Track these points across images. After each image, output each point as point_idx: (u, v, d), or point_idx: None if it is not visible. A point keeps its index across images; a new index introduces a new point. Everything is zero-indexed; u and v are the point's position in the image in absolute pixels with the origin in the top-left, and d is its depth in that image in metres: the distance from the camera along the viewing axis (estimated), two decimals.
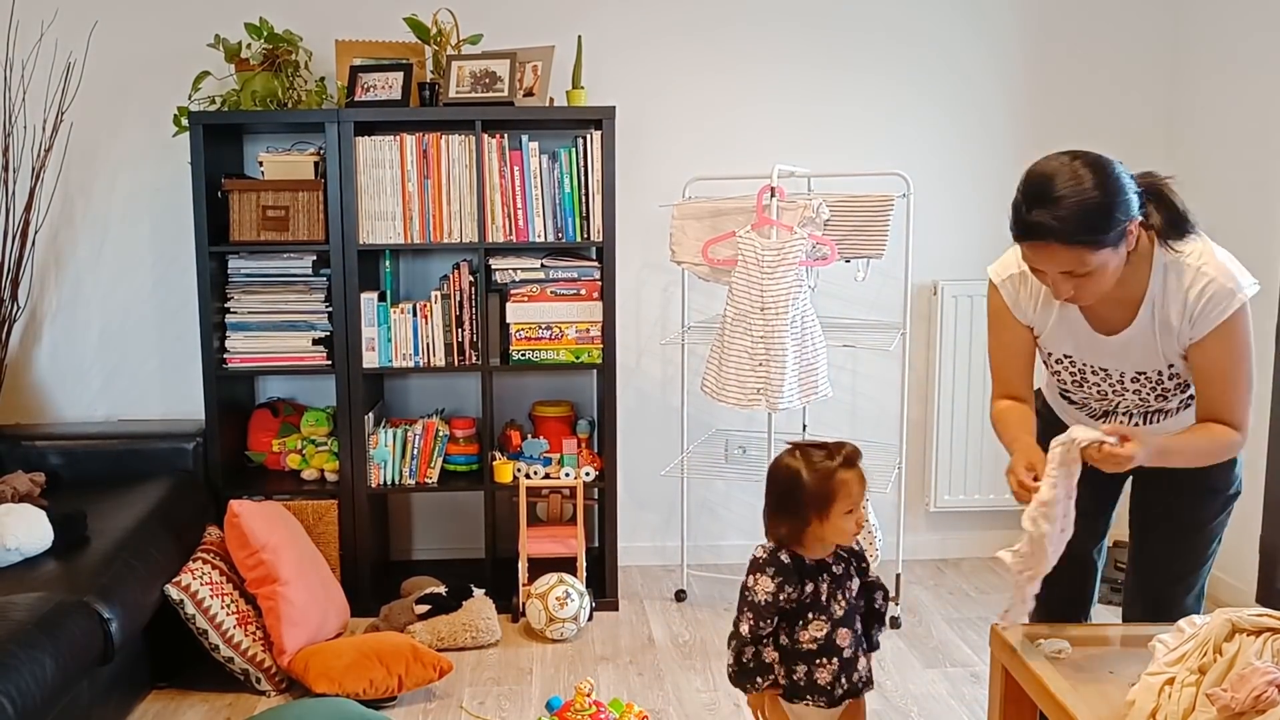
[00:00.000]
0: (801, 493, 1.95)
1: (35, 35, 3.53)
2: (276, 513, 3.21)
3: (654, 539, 3.98)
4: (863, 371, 3.93)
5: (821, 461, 1.96)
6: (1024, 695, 1.85)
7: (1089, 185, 1.76)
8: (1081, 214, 1.75)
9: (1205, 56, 3.73)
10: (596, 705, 2.68)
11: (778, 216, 3.18)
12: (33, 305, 3.68)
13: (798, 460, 1.98)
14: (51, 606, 2.39)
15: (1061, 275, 1.82)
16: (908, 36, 3.80)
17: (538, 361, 3.47)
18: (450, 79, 3.37)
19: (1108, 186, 1.78)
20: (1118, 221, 1.78)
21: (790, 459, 2.00)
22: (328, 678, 2.82)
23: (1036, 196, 1.78)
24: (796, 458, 1.99)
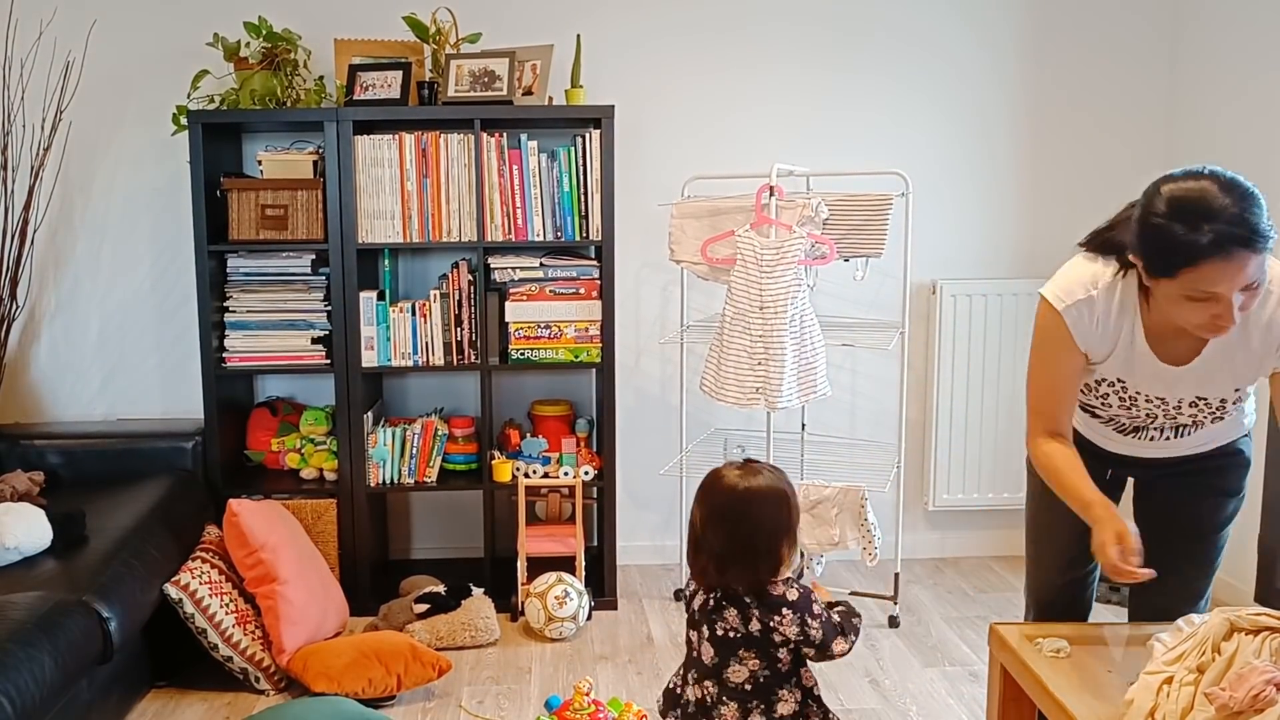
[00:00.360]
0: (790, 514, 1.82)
1: (34, 33, 3.53)
2: (275, 512, 3.21)
3: (653, 538, 3.98)
4: (862, 371, 3.93)
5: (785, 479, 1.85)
6: (1023, 694, 1.85)
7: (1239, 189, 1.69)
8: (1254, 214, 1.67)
9: (1205, 57, 3.73)
10: (595, 704, 2.68)
11: (777, 215, 3.18)
12: (32, 304, 3.68)
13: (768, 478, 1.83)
14: (50, 606, 2.39)
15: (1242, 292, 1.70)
16: (907, 36, 3.80)
17: (537, 360, 3.47)
18: (449, 78, 3.36)
19: (1251, 187, 1.71)
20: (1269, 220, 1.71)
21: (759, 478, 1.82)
22: (327, 677, 2.82)
23: (1201, 214, 1.67)
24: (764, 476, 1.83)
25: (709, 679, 1.82)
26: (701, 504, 1.84)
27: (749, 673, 1.79)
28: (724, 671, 1.80)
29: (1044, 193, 3.91)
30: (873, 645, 3.29)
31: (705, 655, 1.83)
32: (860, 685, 3.03)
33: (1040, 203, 3.91)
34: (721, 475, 1.85)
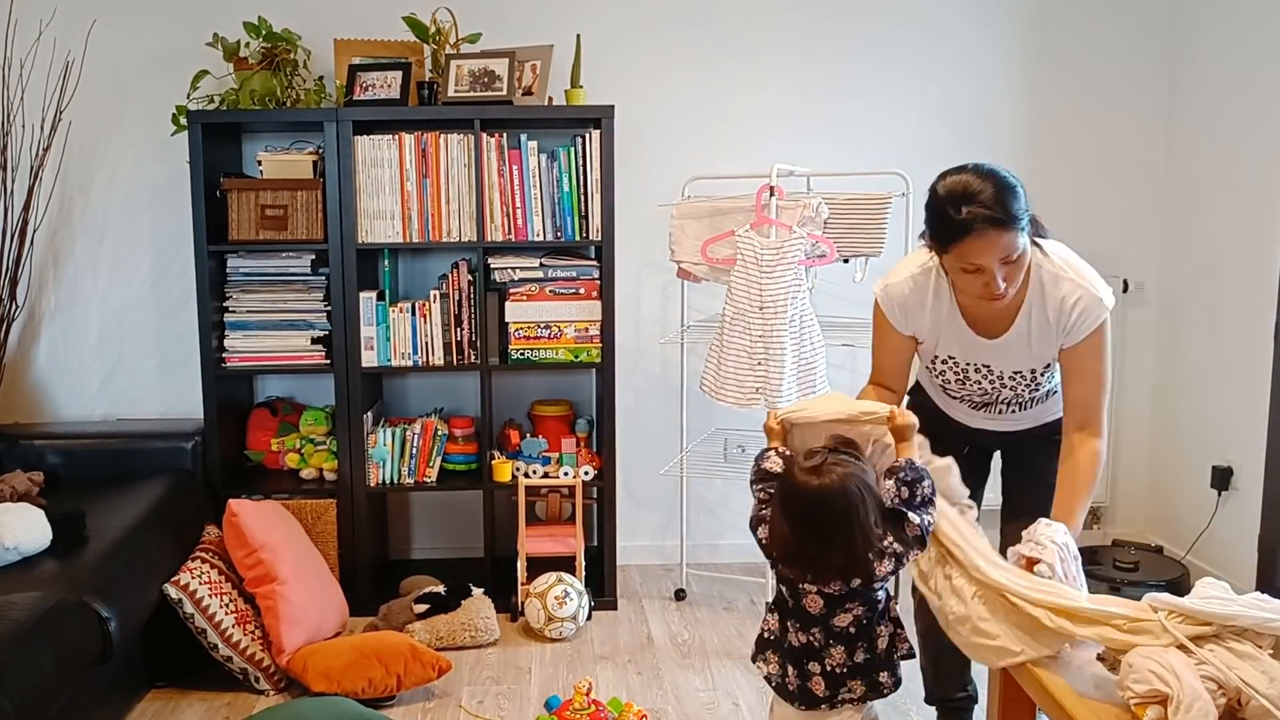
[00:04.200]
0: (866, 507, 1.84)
1: (34, 34, 3.53)
2: (275, 512, 3.21)
3: (653, 538, 3.98)
4: (862, 371, 3.89)
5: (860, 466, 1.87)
6: (1023, 694, 1.85)
7: (996, 178, 2.00)
8: (1005, 199, 1.97)
9: (1205, 55, 3.73)
10: (595, 704, 2.68)
11: (777, 216, 3.18)
12: (31, 304, 3.68)
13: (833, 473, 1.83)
14: (50, 606, 2.39)
15: (1000, 265, 1.99)
16: (907, 36, 3.80)
17: (536, 361, 3.47)
18: (449, 78, 3.36)
19: (1008, 177, 2.02)
20: (1025, 204, 2.02)
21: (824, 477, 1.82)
22: (326, 677, 2.82)
23: (960, 198, 1.98)
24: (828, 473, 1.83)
25: (816, 626, 1.92)
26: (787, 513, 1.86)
27: (853, 618, 1.90)
28: (830, 620, 1.90)
29: (1044, 192, 3.89)
30: None
31: (813, 607, 1.90)
32: None
33: (1040, 203, 3.87)
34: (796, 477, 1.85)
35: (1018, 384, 2.24)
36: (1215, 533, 3.66)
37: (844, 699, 1.93)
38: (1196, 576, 3.72)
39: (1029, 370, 2.22)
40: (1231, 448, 3.60)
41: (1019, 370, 2.22)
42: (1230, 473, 3.60)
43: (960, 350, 2.24)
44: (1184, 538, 3.80)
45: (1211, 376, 3.71)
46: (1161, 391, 3.95)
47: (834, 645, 1.91)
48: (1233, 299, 3.55)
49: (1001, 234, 1.97)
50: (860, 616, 1.90)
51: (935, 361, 2.30)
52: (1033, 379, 2.23)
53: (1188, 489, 3.79)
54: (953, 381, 2.31)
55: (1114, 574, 3.54)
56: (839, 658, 1.91)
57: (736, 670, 3.12)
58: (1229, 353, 3.59)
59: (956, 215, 1.97)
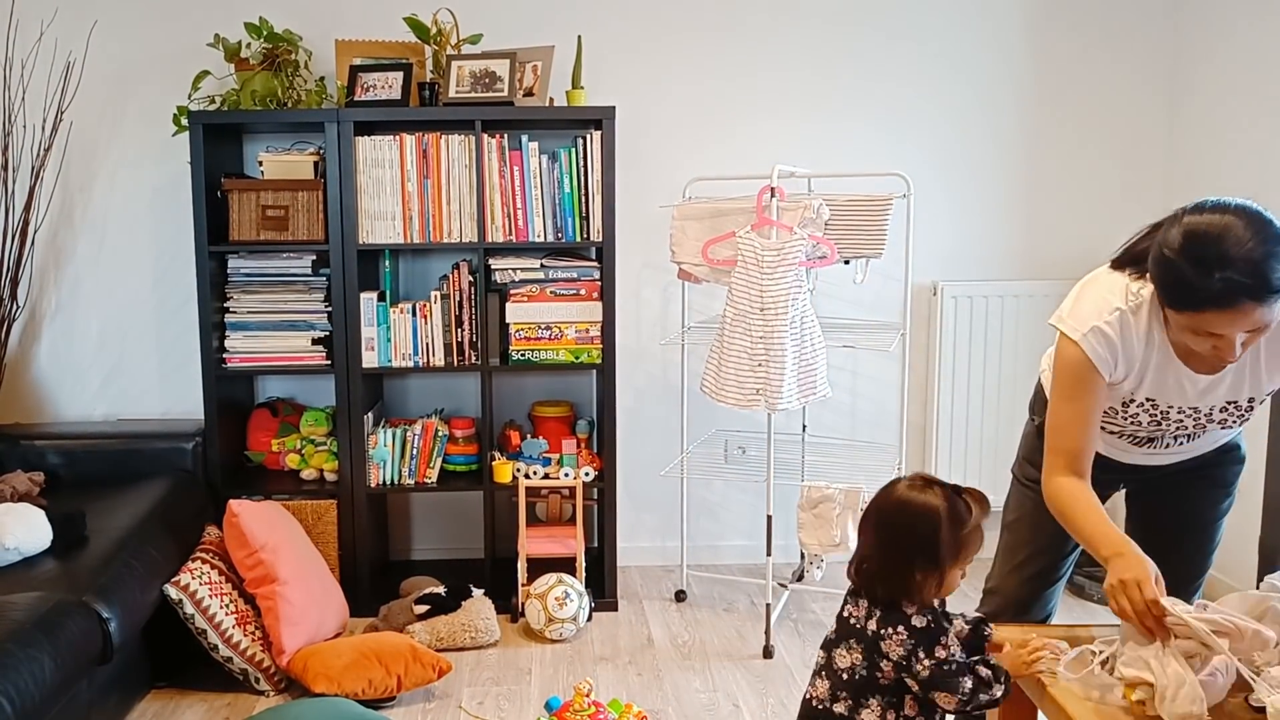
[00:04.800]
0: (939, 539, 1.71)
1: (35, 34, 3.53)
2: (275, 512, 3.21)
3: (653, 539, 3.98)
4: (862, 372, 3.93)
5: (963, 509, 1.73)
6: (1023, 695, 1.85)
7: (1266, 233, 1.62)
8: (1272, 263, 1.59)
9: (1206, 57, 3.73)
10: (595, 705, 2.68)
11: (778, 217, 3.18)
12: (32, 304, 3.68)
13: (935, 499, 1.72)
14: (50, 606, 2.39)
15: (1247, 332, 1.66)
16: (908, 37, 3.80)
17: (537, 361, 3.47)
18: (450, 79, 3.36)
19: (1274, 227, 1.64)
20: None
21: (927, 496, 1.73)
22: (326, 677, 2.82)
23: (1215, 260, 1.60)
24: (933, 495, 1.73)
25: (823, 649, 1.84)
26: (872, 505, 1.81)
27: (850, 664, 1.77)
28: (834, 650, 1.81)
29: (1045, 194, 3.91)
30: None
31: (831, 629, 1.84)
32: None
33: (1042, 204, 3.91)
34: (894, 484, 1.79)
35: (1228, 416, 1.92)
36: None
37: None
38: None
39: (1246, 400, 1.89)
40: None
41: (1234, 400, 1.88)
42: None
43: (1168, 393, 1.88)
44: None
45: None
46: None
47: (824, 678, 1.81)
48: None
49: (1256, 307, 1.60)
50: (855, 667, 1.75)
51: (1129, 405, 1.92)
52: (1248, 407, 1.91)
53: None
54: (1145, 423, 1.94)
55: None
56: (821, 692, 1.80)
57: (737, 671, 3.12)
58: None
59: (1203, 280, 1.61)
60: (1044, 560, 2.20)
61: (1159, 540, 2.00)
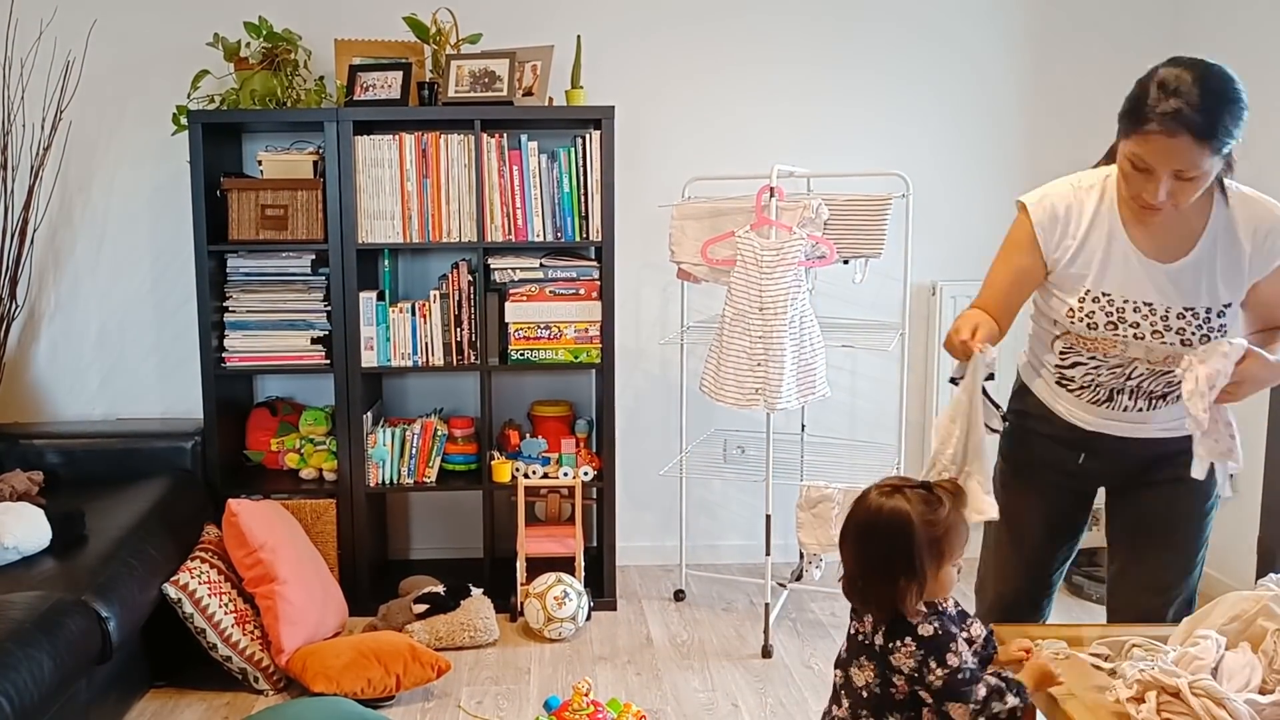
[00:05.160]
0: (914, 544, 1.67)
1: (34, 33, 3.53)
2: (275, 512, 3.21)
3: (652, 539, 3.98)
4: (861, 372, 3.93)
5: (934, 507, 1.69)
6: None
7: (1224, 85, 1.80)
8: (1219, 108, 1.77)
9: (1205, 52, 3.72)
10: (594, 705, 2.68)
11: (777, 217, 3.18)
12: (31, 303, 3.68)
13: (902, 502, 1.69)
14: (49, 605, 2.39)
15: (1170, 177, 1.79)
16: (908, 37, 3.80)
17: (536, 361, 3.47)
18: (449, 78, 3.36)
19: (1239, 91, 1.81)
20: (1240, 132, 1.81)
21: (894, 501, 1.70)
22: (325, 677, 2.82)
23: (1173, 89, 1.78)
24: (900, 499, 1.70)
25: (839, 668, 1.78)
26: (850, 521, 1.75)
27: (865, 681, 1.72)
28: (849, 668, 1.75)
29: None
30: None
31: (843, 647, 1.79)
32: None
33: None
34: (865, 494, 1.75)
35: (1186, 326, 1.91)
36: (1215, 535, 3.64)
37: None
38: None
39: (1204, 309, 1.91)
40: None
41: (1191, 306, 1.91)
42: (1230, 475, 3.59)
43: (1121, 283, 1.93)
44: None
45: None
46: None
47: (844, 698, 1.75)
48: None
49: (1192, 144, 1.75)
50: (870, 684, 1.70)
51: (1085, 300, 1.96)
52: (1205, 322, 1.91)
53: None
54: (1101, 325, 1.96)
55: None
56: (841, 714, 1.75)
57: (735, 671, 3.12)
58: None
59: (1156, 101, 1.78)
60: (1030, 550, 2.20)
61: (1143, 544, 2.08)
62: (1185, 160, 1.77)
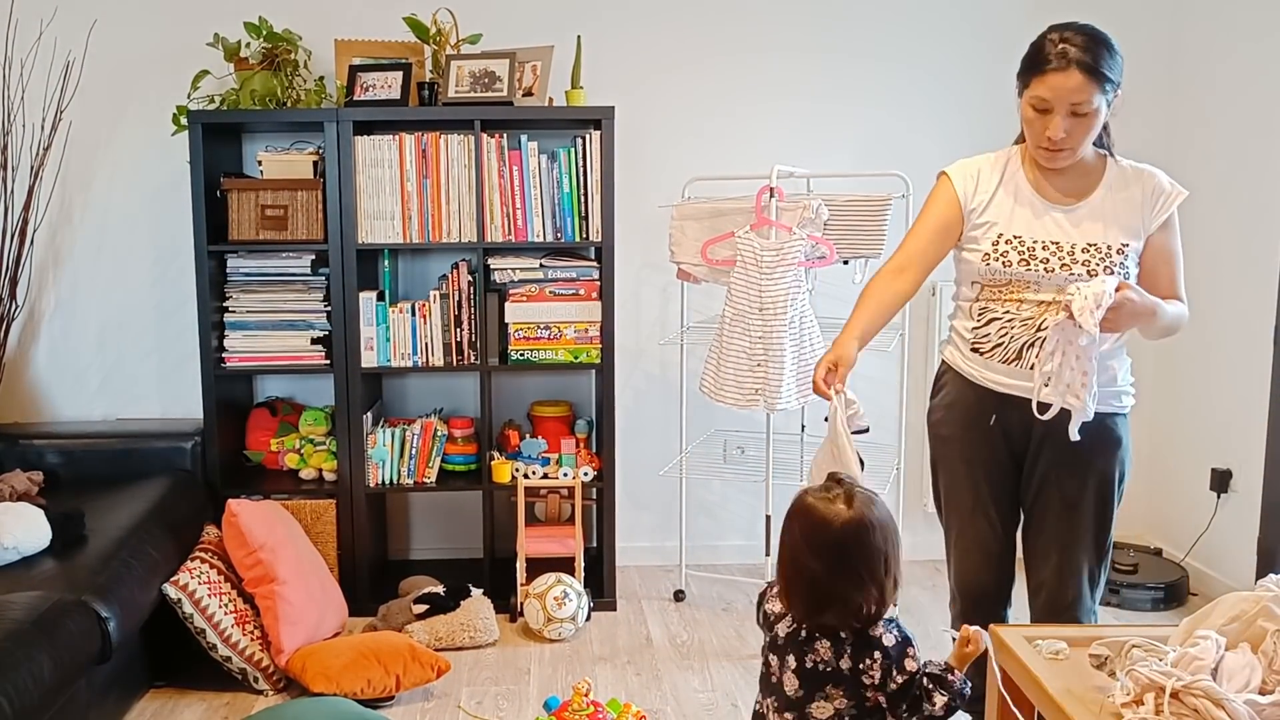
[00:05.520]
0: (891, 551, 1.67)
1: (34, 33, 3.53)
2: (274, 512, 3.21)
3: (652, 539, 3.98)
4: (861, 372, 3.88)
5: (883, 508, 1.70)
6: (1022, 696, 1.85)
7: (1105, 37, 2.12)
8: (1103, 51, 2.08)
9: (1206, 59, 3.73)
10: (594, 705, 2.68)
11: (777, 217, 3.18)
12: (31, 303, 3.68)
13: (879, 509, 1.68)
14: (49, 605, 2.39)
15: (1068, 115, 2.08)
16: (908, 37, 3.81)
17: (536, 361, 3.47)
18: (449, 79, 3.37)
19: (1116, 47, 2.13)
20: (1119, 75, 2.12)
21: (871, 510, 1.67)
22: (325, 677, 2.82)
23: (1062, 37, 2.09)
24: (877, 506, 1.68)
25: (790, 711, 1.72)
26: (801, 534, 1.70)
27: (834, 710, 1.68)
28: (807, 706, 1.70)
29: None
30: None
31: (789, 686, 1.72)
32: None
33: None
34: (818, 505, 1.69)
35: (1091, 258, 2.15)
36: (1214, 535, 3.66)
37: None
38: (1196, 579, 3.75)
39: (1105, 244, 2.16)
40: (1231, 450, 3.60)
41: (1093, 242, 2.17)
42: (1229, 475, 3.60)
43: (1029, 226, 2.20)
44: (1183, 540, 3.80)
45: (1211, 379, 3.71)
46: (1161, 394, 3.95)
47: None
48: (1232, 301, 3.55)
49: (1084, 81, 2.05)
50: (842, 712, 1.69)
51: (999, 243, 2.20)
52: (1107, 256, 2.15)
53: (1187, 491, 3.79)
54: (1015, 263, 2.18)
55: (1113, 576, 3.54)
56: None
57: (735, 671, 3.12)
58: (1228, 355, 3.59)
59: (1051, 46, 2.08)
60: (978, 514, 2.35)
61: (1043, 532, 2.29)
62: (1079, 94, 2.07)
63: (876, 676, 1.66)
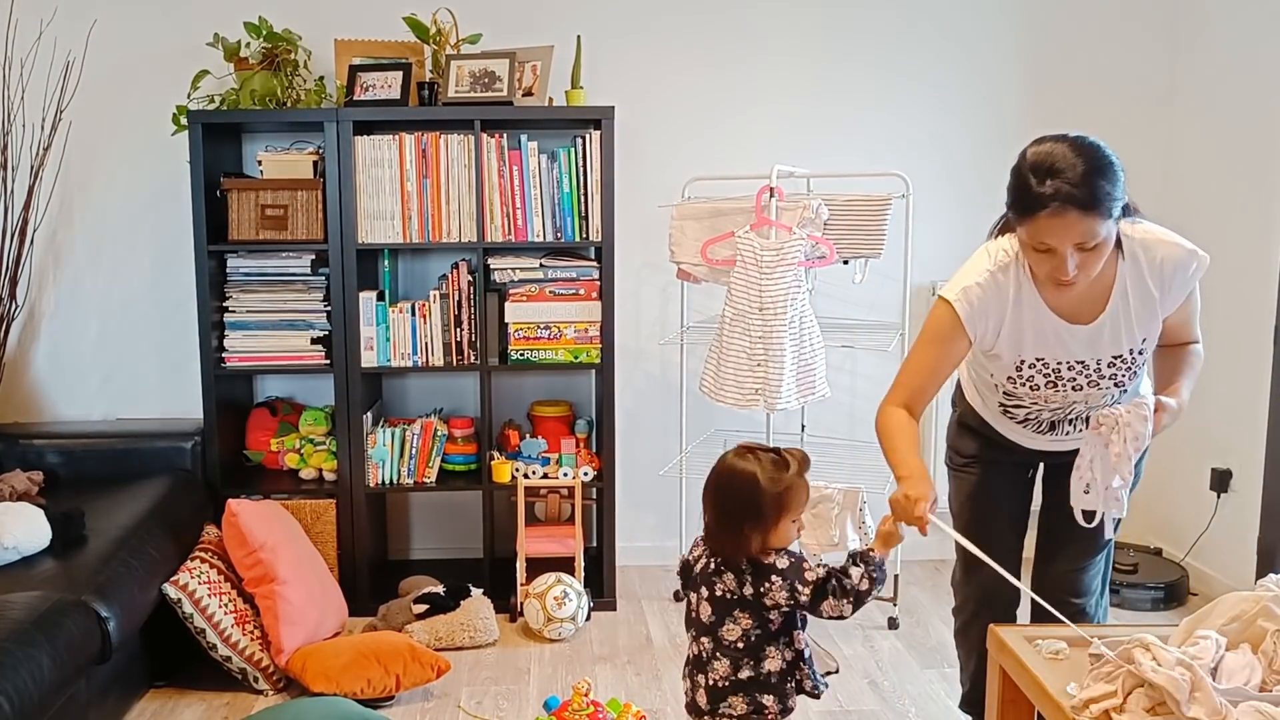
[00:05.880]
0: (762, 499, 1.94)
1: (34, 33, 3.53)
2: (274, 512, 3.21)
3: (652, 539, 3.98)
4: (861, 372, 3.93)
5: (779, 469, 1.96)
6: (1022, 696, 1.85)
7: (1094, 155, 1.88)
8: (1096, 179, 1.85)
9: (1205, 58, 3.73)
10: (594, 705, 2.68)
11: (777, 217, 3.18)
12: (31, 304, 3.68)
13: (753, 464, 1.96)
14: (49, 605, 2.39)
15: (1073, 249, 1.88)
16: (907, 36, 3.81)
17: (536, 361, 3.47)
18: (449, 78, 3.36)
19: (1109, 156, 1.91)
20: (1121, 191, 1.90)
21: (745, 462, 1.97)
22: (325, 677, 2.82)
23: (1047, 170, 1.86)
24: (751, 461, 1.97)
25: (705, 636, 1.99)
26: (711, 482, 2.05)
27: (741, 631, 1.95)
28: (719, 630, 1.96)
29: None
30: (872, 647, 3.29)
31: (703, 614, 1.99)
32: (859, 686, 3.03)
33: None
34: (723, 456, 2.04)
35: (1118, 370, 2.09)
36: (1214, 535, 3.66)
37: (724, 713, 1.96)
38: (1196, 579, 3.74)
39: (1129, 351, 2.07)
40: (1230, 450, 3.60)
41: (1118, 354, 2.07)
42: (1229, 475, 3.60)
43: (1051, 349, 2.08)
44: (1183, 540, 3.80)
45: (1210, 379, 3.68)
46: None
47: (720, 658, 1.96)
48: (1232, 301, 3.55)
49: (1081, 217, 1.85)
50: (749, 631, 1.94)
51: (1022, 368, 2.11)
52: (1133, 362, 2.09)
53: (1187, 491, 3.79)
54: (1043, 385, 2.12)
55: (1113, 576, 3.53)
56: (722, 671, 1.96)
57: None
58: (1228, 355, 3.59)
59: (1037, 187, 1.86)
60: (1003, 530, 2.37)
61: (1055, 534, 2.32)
62: (1080, 233, 1.87)
63: (782, 596, 1.92)
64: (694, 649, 2.02)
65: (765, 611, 1.94)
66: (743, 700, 1.95)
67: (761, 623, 1.94)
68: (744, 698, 1.95)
